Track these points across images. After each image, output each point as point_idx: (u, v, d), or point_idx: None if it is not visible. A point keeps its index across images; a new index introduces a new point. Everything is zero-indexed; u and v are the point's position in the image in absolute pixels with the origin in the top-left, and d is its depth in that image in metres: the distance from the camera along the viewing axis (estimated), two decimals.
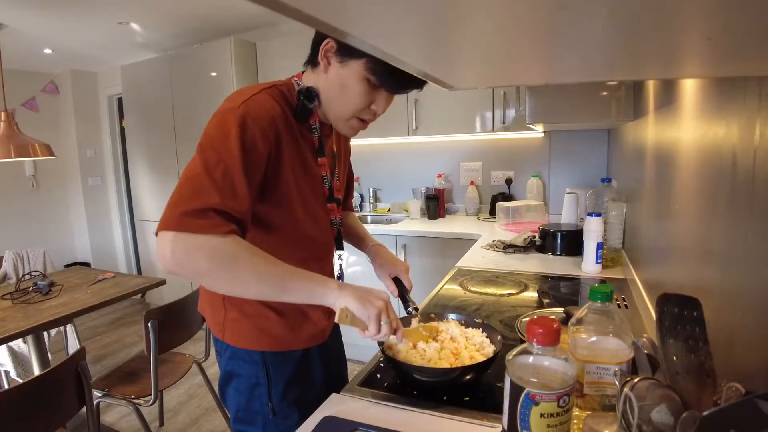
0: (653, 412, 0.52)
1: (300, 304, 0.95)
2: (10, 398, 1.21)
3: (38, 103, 4.24)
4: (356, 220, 1.24)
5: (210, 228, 0.72)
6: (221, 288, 0.80)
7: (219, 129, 0.78)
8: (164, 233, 0.72)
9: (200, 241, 0.72)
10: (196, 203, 0.72)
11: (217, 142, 0.77)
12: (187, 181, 0.74)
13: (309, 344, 0.99)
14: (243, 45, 3.08)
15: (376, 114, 0.91)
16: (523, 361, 0.62)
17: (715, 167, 0.70)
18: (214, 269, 0.73)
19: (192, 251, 0.72)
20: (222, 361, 0.98)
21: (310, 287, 0.79)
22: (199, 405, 2.46)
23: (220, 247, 0.73)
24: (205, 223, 0.72)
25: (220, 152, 0.76)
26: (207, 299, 0.99)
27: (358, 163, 3.31)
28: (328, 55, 0.86)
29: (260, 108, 0.81)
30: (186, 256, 0.72)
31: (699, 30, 0.30)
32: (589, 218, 1.55)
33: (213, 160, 0.75)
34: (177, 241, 0.71)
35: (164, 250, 0.71)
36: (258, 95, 0.83)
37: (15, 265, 2.72)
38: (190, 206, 0.72)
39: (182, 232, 0.71)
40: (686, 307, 0.57)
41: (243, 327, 0.93)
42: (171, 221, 0.71)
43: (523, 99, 2.34)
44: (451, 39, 0.33)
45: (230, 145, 0.76)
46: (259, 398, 0.94)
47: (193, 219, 0.71)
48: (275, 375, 0.94)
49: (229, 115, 0.78)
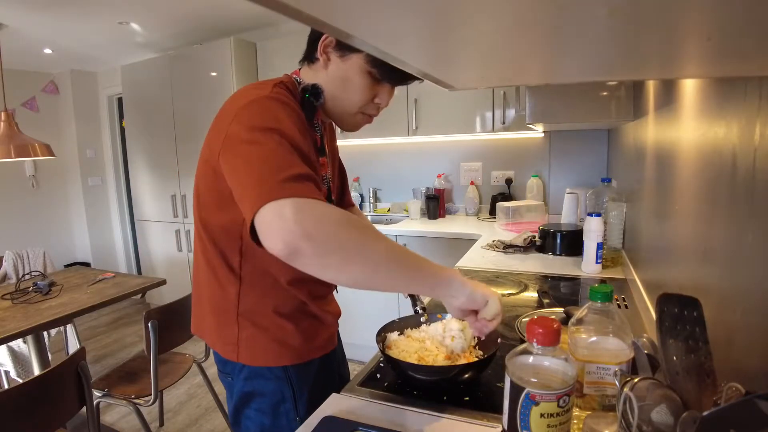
0: (653, 412, 0.52)
1: (315, 309, 0.92)
2: (10, 398, 1.21)
3: (38, 103, 4.24)
4: (363, 218, 1.21)
5: (317, 194, 0.63)
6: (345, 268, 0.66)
7: (265, 113, 0.73)
8: (273, 204, 0.60)
9: (325, 207, 0.62)
10: (293, 170, 0.64)
11: (269, 125, 0.71)
12: (261, 160, 0.66)
13: (325, 350, 0.96)
14: (243, 45, 3.08)
15: (380, 107, 0.90)
16: (523, 361, 0.62)
17: (715, 167, 0.70)
18: (345, 240, 0.63)
19: (320, 216, 0.61)
20: (236, 384, 0.91)
21: (438, 273, 0.73)
22: (199, 405, 2.46)
23: (346, 215, 0.64)
24: (314, 189, 0.64)
25: (279, 129, 0.70)
26: (212, 318, 0.91)
27: (358, 163, 3.34)
28: (327, 50, 0.85)
29: (288, 99, 0.80)
30: (316, 224, 0.61)
31: (699, 30, 0.30)
32: (589, 218, 1.54)
33: (275, 139, 0.69)
34: (301, 207, 0.60)
35: (284, 220, 0.59)
36: (278, 87, 0.81)
37: (15, 265, 2.72)
38: (286, 174, 0.63)
39: (300, 197, 0.61)
40: (686, 307, 0.57)
41: (260, 343, 0.88)
42: (274, 190, 0.61)
43: (523, 99, 2.34)
44: (452, 39, 0.33)
45: (285, 123, 0.72)
46: (285, 414, 0.90)
47: (302, 184, 0.63)
48: (300, 388, 0.90)
49: (269, 102, 0.75)
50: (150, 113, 3.56)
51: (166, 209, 3.60)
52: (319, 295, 0.95)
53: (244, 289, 0.87)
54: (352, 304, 2.47)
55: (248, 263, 0.86)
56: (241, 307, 0.88)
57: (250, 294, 0.88)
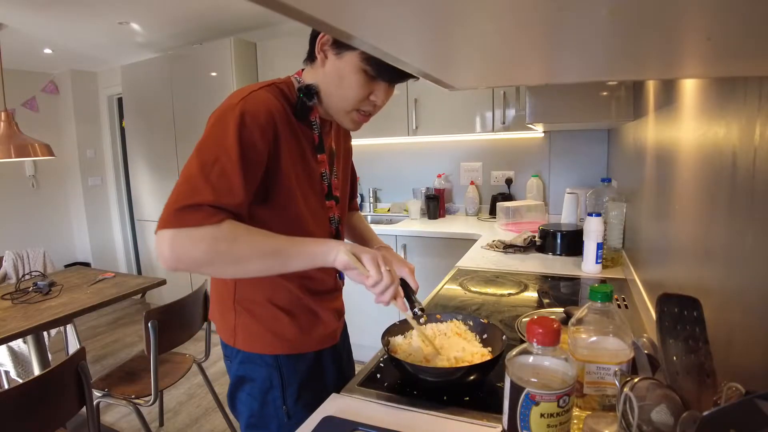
0: (653, 412, 0.52)
1: (312, 304, 0.96)
2: (10, 398, 1.21)
3: (38, 103, 4.24)
4: (362, 220, 1.24)
5: (204, 219, 0.74)
6: (225, 272, 0.82)
7: (217, 127, 0.79)
8: (162, 232, 0.73)
9: (197, 233, 0.73)
10: (191, 200, 0.74)
11: (214, 141, 0.78)
12: (184, 181, 0.76)
13: (321, 346, 0.99)
14: (243, 45, 3.08)
15: (376, 106, 0.91)
16: (523, 361, 0.62)
17: (715, 167, 0.70)
18: (213, 256, 0.75)
19: (188, 244, 0.74)
20: (233, 367, 0.96)
21: (311, 249, 0.80)
22: (199, 405, 2.46)
23: (217, 234, 0.74)
24: (200, 216, 0.73)
25: (216, 151, 0.76)
26: (217, 305, 0.98)
27: (358, 163, 3.29)
28: (324, 48, 0.86)
29: (258, 104, 0.81)
30: (183, 249, 0.74)
31: (699, 30, 0.30)
32: (589, 218, 1.55)
33: (210, 160, 0.76)
34: (175, 237, 0.73)
35: (163, 247, 0.73)
36: (256, 92, 0.83)
37: (15, 265, 2.72)
38: (185, 202, 0.74)
39: (179, 227, 0.73)
40: (686, 307, 0.57)
41: (255, 331, 0.93)
42: (166, 219, 0.73)
43: (523, 99, 2.34)
44: (451, 39, 0.33)
45: (228, 143, 0.76)
46: (273, 402, 0.94)
47: (187, 214, 0.73)
48: (289, 378, 0.94)
49: (228, 113, 0.79)
50: (150, 113, 3.55)
51: None
52: (315, 291, 0.97)
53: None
54: (353, 304, 2.46)
55: None
56: (237, 295, 0.94)
57: (245, 282, 0.93)
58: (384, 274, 0.80)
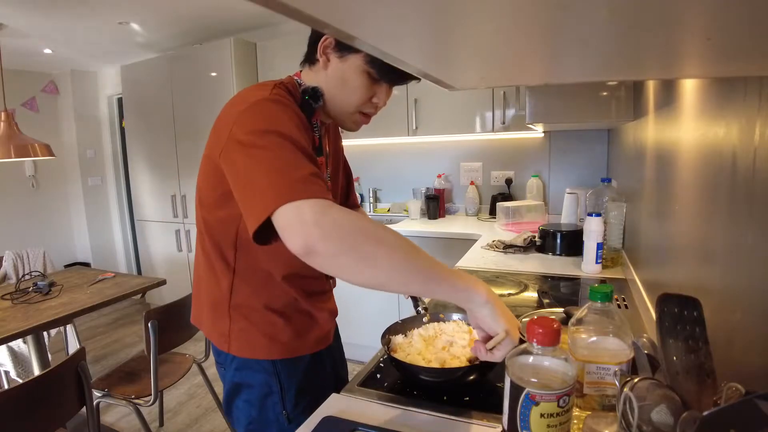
0: (653, 412, 0.52)
1: (307, 306, 0.94)
2: (10, 398, 1.21)
3: (38, 103, 4.23)
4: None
5: (328, 194, 0.64)
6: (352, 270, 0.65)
7: (268, 114, 0.75)
8: (291, 205, 0.62)
9: (339, 212, 0.63)
10: (301, 171, 0.65)
11: (273, 126, 0.72)
12: (269, 162, 0.67)
13: (317, 348, 0.98)
14: (243, 45, 3.08)
15: (378, 107, 0.91)
16: (523, 361, 0.62)
17: (715, 167, 0.70)
18: (363, 245, 0.63)
19: (339, 222, 0.62)
20: (227, 374, 0.94)
21: (457, 283, 0.69)
22: (199, 405, 2.46)
23: (361, 222, 0.64)
24: (324, 189, 0.64)
25: (281, 132, 0.71)
26: (208, 310, 0.95)
27: (358, 163, 3.33)
28: (327, 51, 0.86)
29: (288, 100, 0.81)
30: (334, 226, 0.62)
31: (699, 30, 0.30)
32: (589, 218, 1.54)
33: (278, 142, 0.70)
34: (316, 209, 0.61)
35: (302, 222, 0.61)
36: (277, 89, 0.82)
37: (15, 265, 2.72)
38: (299, 174, 0.64)
39: (313, 198, 0.62)
40: (686, 307, 0.57)
41: (250, 336, 0.91)
42: (293, 190, 0.62)
43: (523, 99, 2.34)
44: (452, 39, 0.33)
45: (286, 125, 0.73)
46: (272, 407, 0.92)
47: (312, 185, 0.63)
48: (288, 382, 0.92)
49: (270, 104, 0.76)
50: (150, 113, 3.55)
51: (166, 209, 3.60)
52: (313, 292, 0.97)
53: (237, 282, 0.91)
54: (352, 304, 2.47)
55: (242, 258, 0.89)
56: (233, 300, 0.91)
57: (242, 288, 0.91)
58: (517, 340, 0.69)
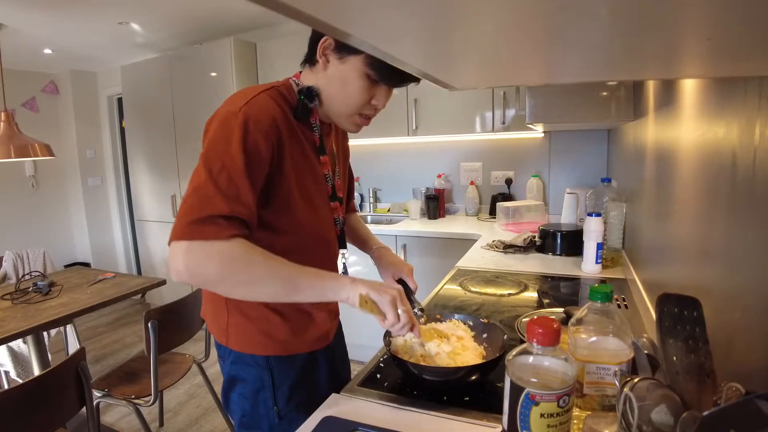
0: (653, 412, 0.52)
1: (306, 305, 0.95)
2: (10, 398, 1.21)
3: (38, 103, 4.24)
4: (360, 221, 1.24)
5: (218, 233, 0.73)
6: (235, 292, 0.82)
7: (221, 135, 0.79)
8: (176, 244, 0.73)
9: (211, 248, 0.73)
10: (204, 211, 0.73)
11: (219, 149, 0.77)
12: (194, 192, 0.76)
13: (314, 347, 0.98)
14: (243, 45, 3.08)
15: (377, 109, 0.91)
16: (523, 361, 0.62)
17: (715, 167, 0.70)
18: (227, 276, 0.75)
19: (204, 260, 0.73)
20: (225, 366, 0.96)
21: (322, 283, 0.80)
22: (199, 405, 2.46)
23: (232, 253, 0.74)
24: (214, 230, 0.73)
25: (223, 159, 0.76)
26: (209, 304, 0.98)
27: (358, 163, 3.32)
28: (326, 53, 0.86)
29: (260, 110, 0.81)
30: (197, 263, 0.73)
31: (699, 30, 0.30)
32: (589, 218, 1.54)
33: (216, 167, 0.76)
34: (189, 251, 0.73)
35: (177, 262, 0.73)
36: (257, 97, 0.83)
37: (15, 265, 2.71)
38: (198, 215, 0.73)
39: (193, 240, 0.72)
40: (686, 307, 0.57)
41: (247, 331, 0.92)
42: (181, 231, 0.73)
43: (523, 99, 2.34)
44: (451, 39, 0.33)
45: (233, 151, 0.76)
46: (264, 402, 0.93)
47: (202, 226, 0.73)
48: (280, 378, 0.94)
49: (231, 120, 0.79)
50: (150, 113, 3.55)
51: (166, 209, 3.60)
52: None
53: None
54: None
55: None
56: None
57: None
58: (401, 315, 0.80)
